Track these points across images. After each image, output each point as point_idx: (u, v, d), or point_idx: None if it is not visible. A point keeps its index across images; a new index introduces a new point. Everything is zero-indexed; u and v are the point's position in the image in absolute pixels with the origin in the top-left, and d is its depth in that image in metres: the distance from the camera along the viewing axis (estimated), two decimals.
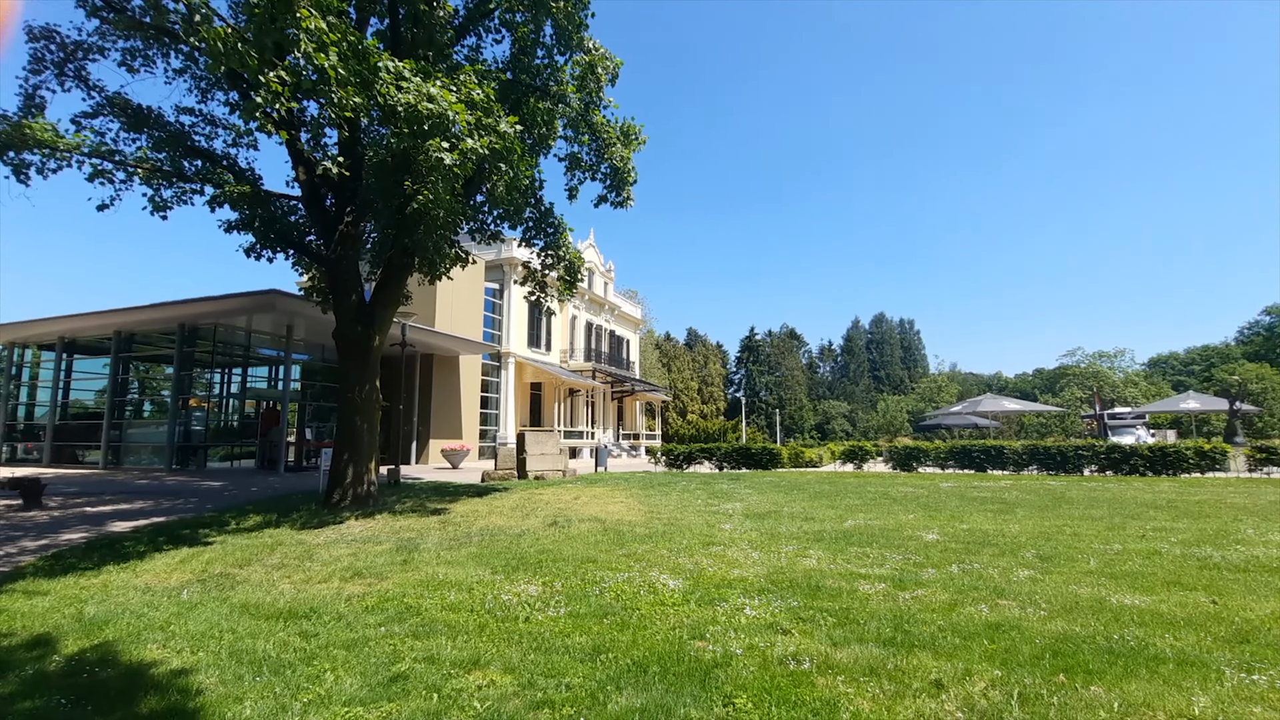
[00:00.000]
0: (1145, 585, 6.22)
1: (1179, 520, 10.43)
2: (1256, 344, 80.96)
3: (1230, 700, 3.71)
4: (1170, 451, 20.02)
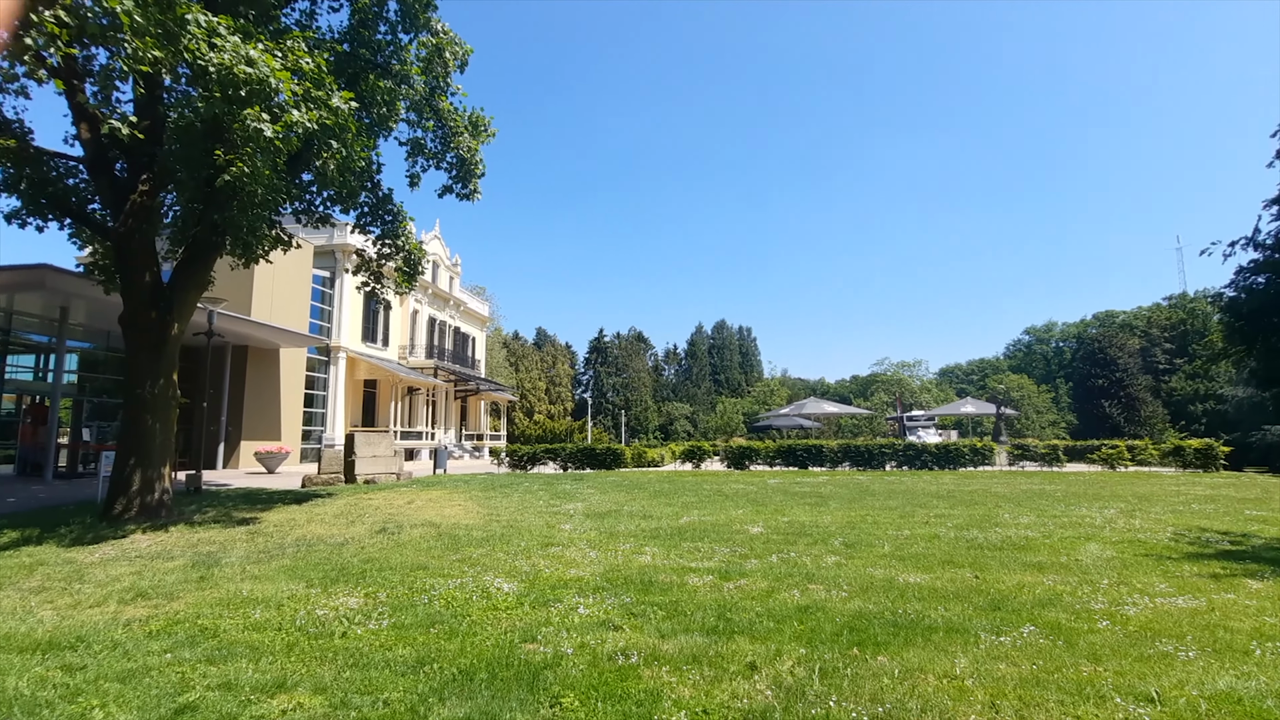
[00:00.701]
0: (926, 565, 7.15)
1: (955, 508, 12.12)
2: (1018, 358, 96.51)
3: (983, 660, 4.36)
4: (952, 449, 23.24)
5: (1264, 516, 11.13)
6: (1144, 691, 3.84)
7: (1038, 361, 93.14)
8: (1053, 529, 9.45)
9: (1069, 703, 3.73)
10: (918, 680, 4.05)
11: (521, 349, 73.40)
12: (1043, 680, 4.03)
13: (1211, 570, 6.81)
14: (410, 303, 37.35)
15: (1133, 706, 3.67)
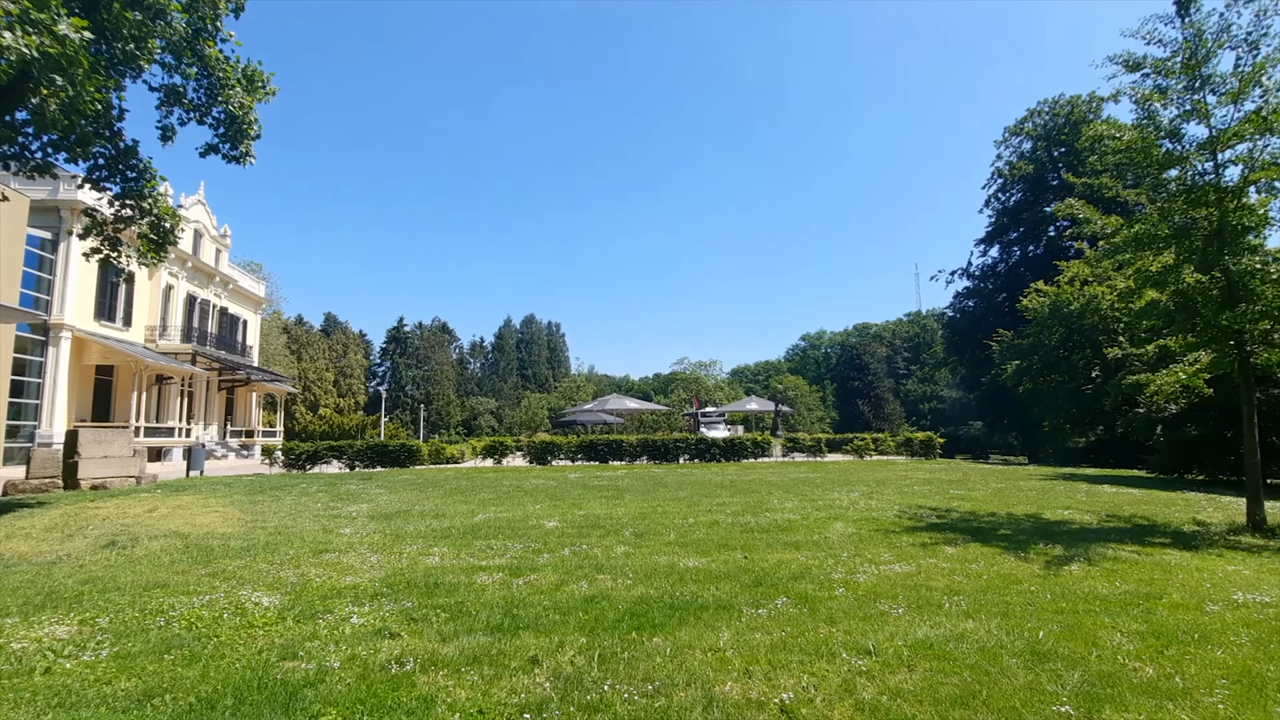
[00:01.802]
0: (704, 550, 7.75)
1: (735, 496, 13.30)
2: (796, 361, 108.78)
3: (743, 631, 4.84)
4: (736, 443, 25.48)
5: (963, 495, 13.72)
6: (864, 645, 4.54)
7: (811, 365, 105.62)
8: (810, 512, 10.79)
9: (807, 661, 4.28)
10: (686, 656, 4.37)
11: (306, 336, 66.31)
12: (789, 644, 4.58)
13: (922, 540, 8.25)
14: (163, 276, 31.89)
15: (855, 659, 4.31)
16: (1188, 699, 3.79)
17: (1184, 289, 9.69)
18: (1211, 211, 9.22)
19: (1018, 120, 45.65)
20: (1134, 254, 10.20)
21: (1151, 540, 8.49)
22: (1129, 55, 9.65)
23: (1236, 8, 8.85)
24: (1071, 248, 32.16)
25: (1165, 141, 9.57)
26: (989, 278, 47.53)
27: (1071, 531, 9.12)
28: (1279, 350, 9.20)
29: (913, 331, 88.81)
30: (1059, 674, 4.11)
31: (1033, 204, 42.64)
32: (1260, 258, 9.35)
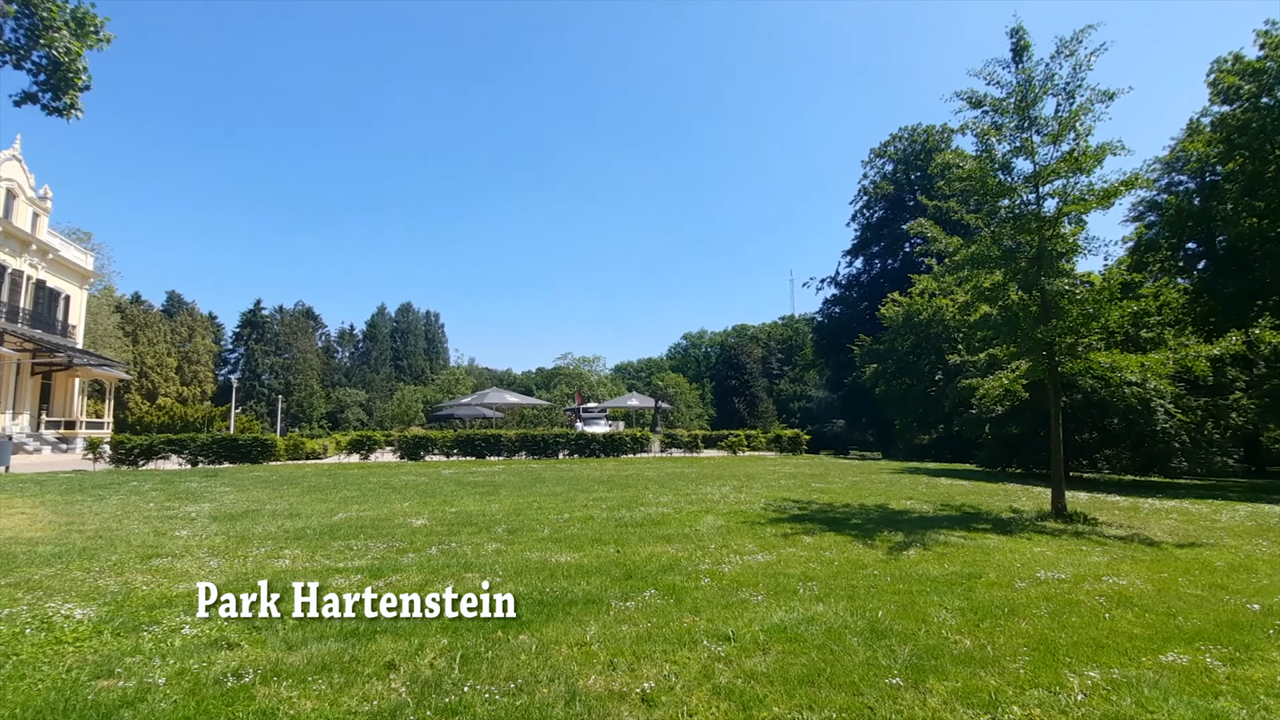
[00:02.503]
0: (578, 545, 7.76)
1: (612, 491, 13.43)
2: (678, 359, 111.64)
3: (611, 625, 4.90)
4: (616, 438, 25.75)
5: (823, 488, 14.71)
6: (724, 633, 4.74)
7: (692, 363, 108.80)
8: (683, 506, 11.12)
9: (670, 650, 4.40)
10: (552, 652, 4.36)
11: (144, 316, 59.20)
12: (654, 635, 4.69)
13: (784, 531, 8.76)
14: None
15: (715, 646, 4.49)
16: (996, 665, 4.29)
17: (1010, 305, 10.97)
18: (1033, 238, 10.49)
19: (882, 143, 49.64)
20: (971, 271, 11.40)
21: (976, 526, 9.54)
22: (972, 93, 10.78)
23: (1059, 60, 10.13)
24: (923, 263, 35.38)
25: (999, 173, 10.78)
26: (854, 287, 51.35)
27: (912, 520, 10.05)
28: (1080, 361, 10.66)
29: (786, 334, 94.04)
30: (893, 649, 4.51)
31: (892, 221, 46.52)
32: (1069, 280, 10.81)
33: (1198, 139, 24.50)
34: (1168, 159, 34.41)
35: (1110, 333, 11.43)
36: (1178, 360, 10.46)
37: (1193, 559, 7.70)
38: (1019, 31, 10.41)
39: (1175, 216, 25.79)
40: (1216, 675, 4.23)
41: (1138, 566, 7.18)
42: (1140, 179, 10.24)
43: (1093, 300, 10.13)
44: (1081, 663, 4.36)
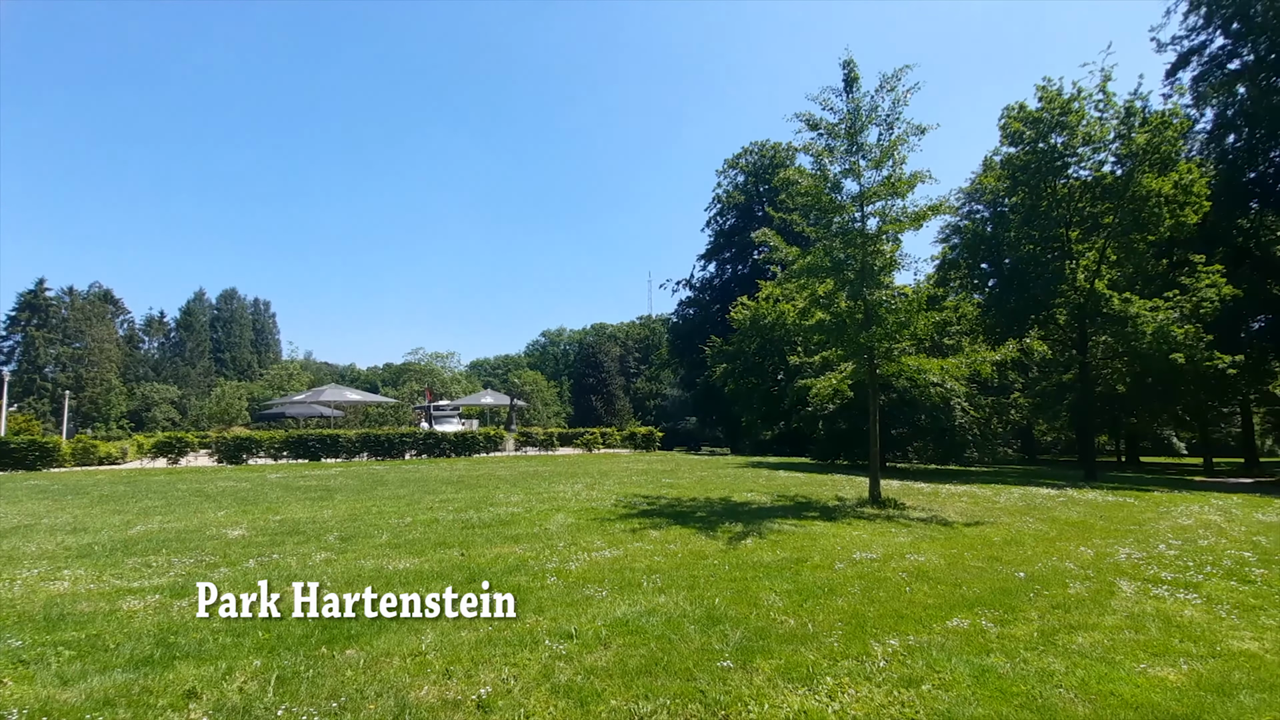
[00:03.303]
0: (419, 550, 7.40)
1: (461, 492, 12.97)
2: (536, 357, 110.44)
3: (450, 631, 4.72)
4: (469, 437, 24.95)
5: (672, 483, 15.23)
6: (567, 630, 4.74)
7: (550, 361, 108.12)
8: (535, 505, 11.00)
9: (511, 653, 4.33)
10: (382, 665, 4.12)
11: None
12: (495, 639, 4.58)
13: (633, 526, 8.95)
14: None
15: (557, 645, 4.48)
16: (815, 641, 4.67)
17: (839, 312, 12.05)
18: (859, 252, 11.59)
19: (734, 155, 52.40)
20: (807, 280, 12.37)
21: (806, 515, 10.37)
22: (810, 116, 11.69)
23: (882, 94, 11.27)
24: (769, 270, 37.92)
25: (831, 191, 11.78)
26: (707, 290, 53.73)
27: (752, 511, 10.71)
28: (895, 364, 11.95)
29: (643, 334, 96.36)
30: (726, 634, 4.76)
31: (743, 229, 49.23)
32: (888, 292, 12.08)
33: (990, 175, 28.39)
34: (969, 190, 39.59)
35: (919, 340, 12.90)
36: (969, 364, 12.07)
37: (977, 536, 8.91)
38: (850, 64, 11.45)
39: (972, 240, 29.70)
40: (989, 635, 4.91)
41: (934, 544, 8.18)
42: (944, 206, 11.69)
43: (905, 310, 11.40)
44: (885, 633, 4.87)
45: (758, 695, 3.81)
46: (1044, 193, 24.08)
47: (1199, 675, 4.27)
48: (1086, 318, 23.30)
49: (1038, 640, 4.84)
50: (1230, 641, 4.92)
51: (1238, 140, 28.26)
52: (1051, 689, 4.00)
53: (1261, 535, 9.48)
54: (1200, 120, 29.26)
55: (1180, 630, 5.13)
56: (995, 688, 4.00)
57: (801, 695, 3.83)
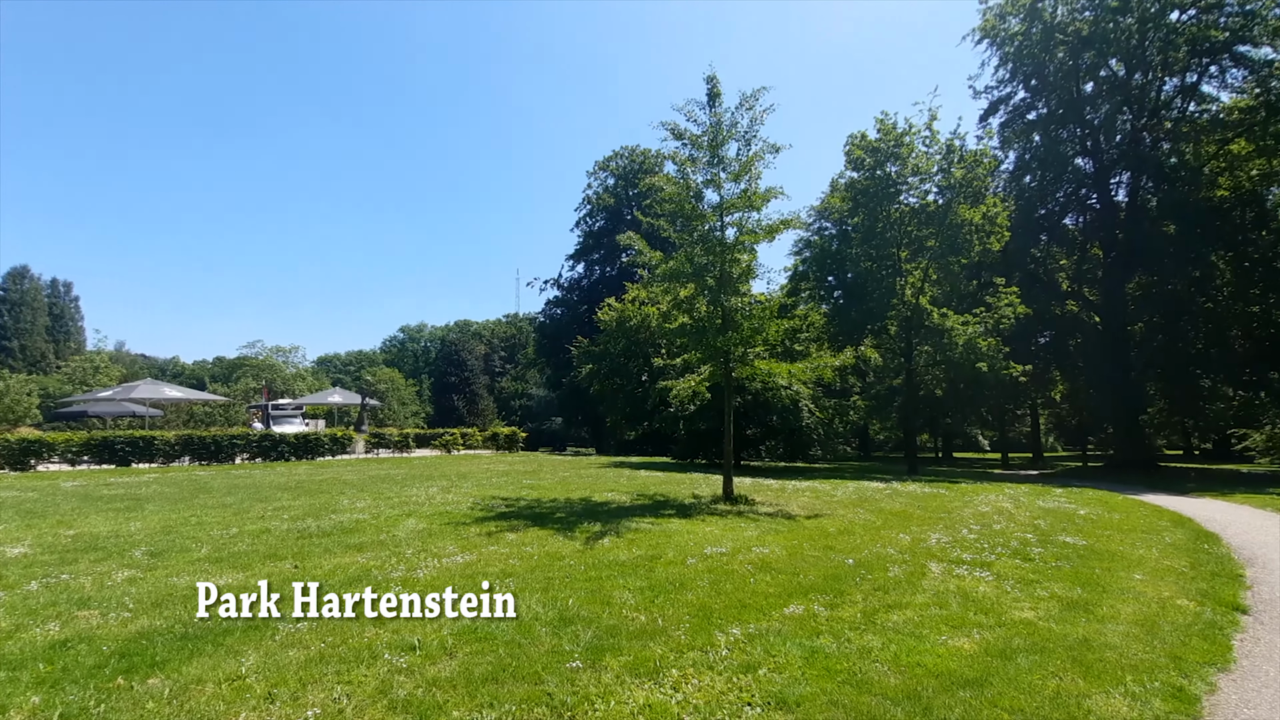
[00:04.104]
0: (245, 563, 6.72)
1: (299, 498, 11.96)
2: (393, 353, 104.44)
3: (275, 651, 4.32)
4: (312, 439, 23.07)
5: (534, 484, 15.04)
6: (410, 642, 4.51)
7: (409, 358, 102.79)
8: (384, 510, 10.39)
9: (345, 670, 4.05)
10: (193, 693, 3.69)
11: None
12: (327, 656, 4.26)
13: (489, 529, 8.72)
14: None
15: (398, 658, 4.25)
16: (664, 635, 4.81)
17: (699, 316, 12.53)
18: (718, 260, 12.12)
19: (605, 158, 52.92)
20: (670, 284, 12.74)
21: (663, 512, 10.67)
22: (675, 125, 12.08)
23: (741, 111, 11.88)
24: (637, 273, 38.68)
25: (694, 200, 12.23)
26: (575, 290, 53.77)
27: (611, 510, 10.83)
28: (749, 367, 12.62)
29: (510, 332, 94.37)
30: (578, 634, 4.77)
31: (612, 231, 49.79)
32: (745, 299, 12.74)
33: (836, 195, 31.03)
34: (819, 208, 42.83)
35: (772, 345, 13.73)
36: (813, 369, 13.05)
37: (816, 527, 9.63)
38: (713, 80, 11.97)
39: (820, 255, 32.26)
40: (820, 619, 5.32)
41: (778, 537, 8.74)
42: (795, 221, 12.54)
43: (760, 317, 12.09)
44: (729, 623, 5.12)
45: (605, 693, 3.85)
46: (880, 215, 26.62)
47: (988, 643, 4.90)
48: (912, 329, 26.04)
49: (861, 620, 5.31)
50: (1013, 612, 5.69)
51: (1032, 181, 32.95)
52: (870, 664, 4.41)
53: (1041, 519, 11.08)
54: (1005, 161, 33.79)
55: (975, 604, 5.86)
56: (822, 667, 4.34)
57: (647, 689, 3.93)
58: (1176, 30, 27.19)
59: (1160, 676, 4.38)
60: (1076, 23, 28.78)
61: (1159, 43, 27.55)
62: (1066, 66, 29.66)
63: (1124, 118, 29.82)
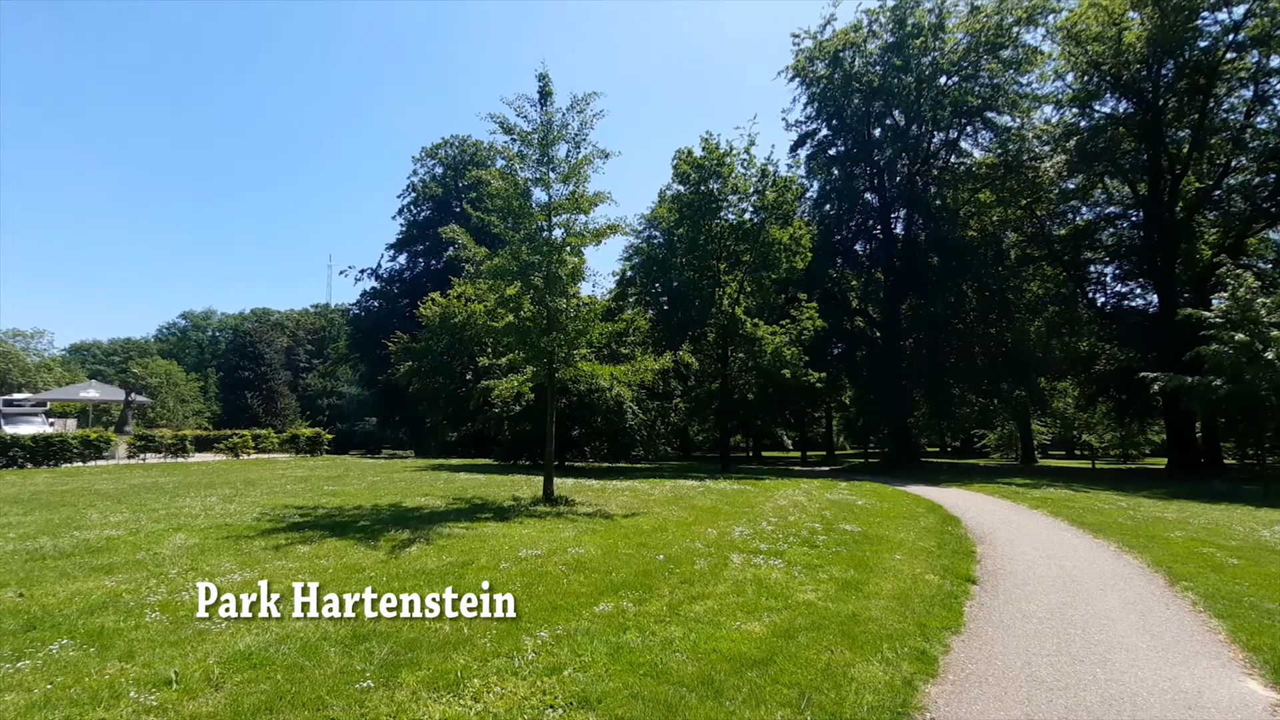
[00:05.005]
0: None
1: (34, 513, 9.92)
2: (172, 343, 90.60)
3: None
4: (56, 442, 19.25)
5: (337, 490, 13.84)
6: (165, 677, 3.90)
7: (192, 348, 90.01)
8: (145, 524, 8.92)
9: (78, 714, 3.41)
10: None
11: None
12: (54, 700, 3.58)
13: (277, 543, 7.84)
14: None
15: (148, 696, 3.66)
16: (469, 645, 4.63)
17: (524, 316, 12.34)
18: (544, 260, 12.04)
19: (434, 145, 50.49)
20: (496, 282, 12.42)
21: (480, 516, 10.34)
22: (504, 119, 11.82)
23: (572, 113, 11.92)
24: (464, 267, 37.30)
25: (521, 197, 12.04)
26: (396, 282, 50.56)
27: (423, 516, 10.28)
28: (573, 369, 12.69)
29: (320, 324, 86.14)
30: (371, 651, 4.43)
31: (439, 223, 47.40)
32: (572, 301, 12.78)
33: (664, 206, 32.30)
34: (649, 216, 44.44)
35: (597, 347, 13.94)
36: (635, 371, 13.45)
37: (631, 526, 9.91)
38: (545, 78, 11.88)
39: (647, 262, 33.43)
40: (628, 615, 5.46)
41: (595, 536, 8.86)
42: (622, 227, 12.85)
43: (585, 319, 12.20)
44: (539, 625, 5.07)
45: (398, 711, 3.61)
46: (703, 229, 28.24)
47: (775, 625, 5.34)
48: (728, 337, 27.94)
49: (666, 613, 5.53)
50: (798, 595, 6.27)
51: (832, 209, 36.97)
52: (671, 654, 4.60)
53: (828, 510, 12.40)
54: (810, 189, 37.56)
55: (767, 590, 6.37)
56: (627, 661, 4.45)
57: (445, 703, 3.75)
58: (944, 93, 32.09)
59: (909, 642, 5.07)
60: (870, 74, 32.85)
61: (931, 101, 32.33)
62: (861, 112, 33.72)
63: (903, 162, 34.55)
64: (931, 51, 31.66)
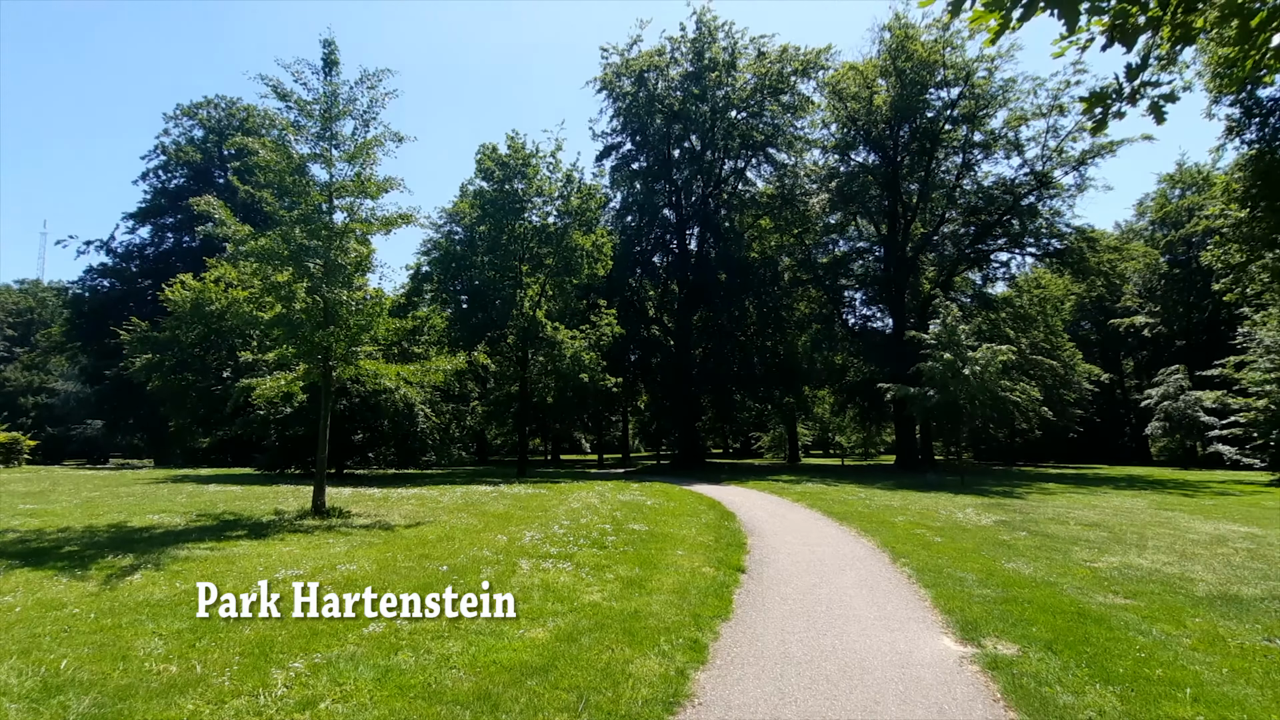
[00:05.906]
0: None
1: None
2: None
3: None
4: None
5: (38, 509, 11.20)
6: None
7: None
8: None
9: None
10: None
11: None
12: None
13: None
14: None
15: None
16: (201, 685, 3.95)
17: (296, 307, 11.02)
18: (323, 245, 10.88)
19: (194, 103, 43.55)
20: (262, 266, 10.94)
21: (230, 534, 8.99)
22: (279, 84, 10.48)
23: (361, 88, 10.95)
24: (225, 247, 32.49)
25: (295, 173, 10.76)
26: (135, 259, 42.59)
27: (153, 537, 8.67)
28: (353, 367, 11.62)
29: (25, 304, 69.28)
30: (67, 706, 3.61)
31: (195, 193, 40.84)
32: (357, 293, 11.68)
33: (465, 202, 31.14)
34: (451, 211, 42.54)
35: (386, 345, 12.92)
36: (424, 372, 12.70)
37: (415, 536, 9.30)
38: (330, 45, 10.78)
39: (446, 258, 31.90)
40: (402, 633, 5.07)
41: (371, 550, 8.15)
42: (416, 218, 12.06)
43: (368, 313, 11.24)
44: (292, 656, 4.49)
45: None
46: (506, 228, 27.71)
47: (559, 629, 5.32)
48: (529, 340, 27.71)
49: (446, 628, 5.23)
50: (584, 596, 6.33)
51: (633, 221, 38.52)
52: (447, 671, 4.35)
53: (619, 511, 12.77)
54: (614, 200, 38.74)
55: (554, 594, 6.34)
56: (396, 685, 4.11)
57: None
58: (734, 125, 35.13)
59: (684, 634, 5.35)
60: (671, 98, 34.85)
61: (723, 131, 35.20)
62: (663, 132, 35.63)
63: (699, 183, 37.16)
64: (725, 86, 34.48)
